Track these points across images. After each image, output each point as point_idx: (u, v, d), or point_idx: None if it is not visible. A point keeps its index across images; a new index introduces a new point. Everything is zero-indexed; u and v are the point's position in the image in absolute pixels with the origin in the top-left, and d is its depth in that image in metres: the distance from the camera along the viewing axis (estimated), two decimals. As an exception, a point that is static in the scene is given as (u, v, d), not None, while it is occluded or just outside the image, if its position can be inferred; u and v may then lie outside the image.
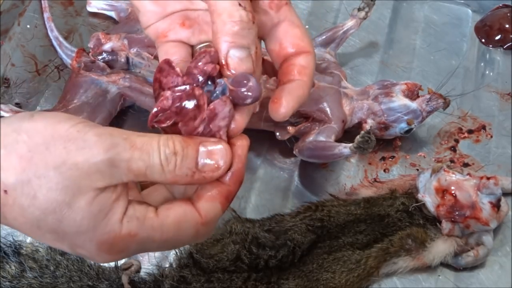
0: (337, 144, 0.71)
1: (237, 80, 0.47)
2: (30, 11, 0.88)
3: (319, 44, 0.81)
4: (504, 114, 0.84)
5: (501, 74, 0.88)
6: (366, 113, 0.76)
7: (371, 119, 0.76)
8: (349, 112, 0.76)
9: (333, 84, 0.76)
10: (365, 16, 0.80)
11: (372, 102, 0.75)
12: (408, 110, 0.74)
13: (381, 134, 0.77)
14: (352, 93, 0.76)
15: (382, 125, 0.76)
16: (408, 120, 0.75)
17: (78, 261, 0.64)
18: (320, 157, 0.74)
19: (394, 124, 0.75)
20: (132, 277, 0.64)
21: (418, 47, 0.90)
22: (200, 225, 0.48)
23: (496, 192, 0.68)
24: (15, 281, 0.62)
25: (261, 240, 0.66)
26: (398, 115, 0.75)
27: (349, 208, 0.70)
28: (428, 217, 0.70)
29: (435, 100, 0.74)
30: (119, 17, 0.88)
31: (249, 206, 0.74)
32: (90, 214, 0.44)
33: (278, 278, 0.65)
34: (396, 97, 0.75)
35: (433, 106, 0.74)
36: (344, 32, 0.81)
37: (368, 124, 0.75)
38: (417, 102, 0.74)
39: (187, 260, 0.65)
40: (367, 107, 0.75)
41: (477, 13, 0.93)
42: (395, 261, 0.68)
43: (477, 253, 0.69)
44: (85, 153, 0.44)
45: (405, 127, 0.76)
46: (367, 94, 0.76)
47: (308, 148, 0.74)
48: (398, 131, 0.76)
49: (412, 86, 0.76)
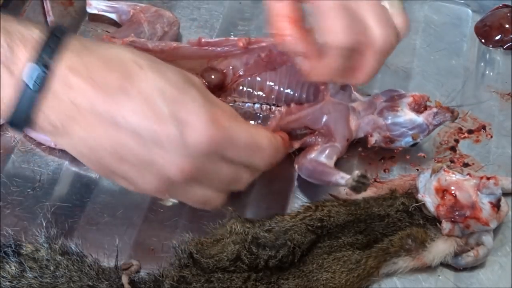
0: (335, 173, 0.71)
1: None
2: (30, 11, 0.88)
3: None
4: (504, 114, 0.84)
5: (501, 74, 0.88)
6: (371, 128, 0.75)
7: (376, 133, 0.75)
8: (355, 128, 0.75)
9: (343, 100, 0.75)
10: None
11: (377, 117, 0.75)
12: (414, 125, 0.74)
13: (386, 146, 0.77)
14: (359, 107, 0.76)
15: (388, 139, 0.75)
16: (413, 135, 0.74)
17: (78, 261, 0.64)
18: (317, 181, 0.74)
19: (399, 138, 0.75)
20: (132, 277, 0.64)
21: (418, 47, 0.90)
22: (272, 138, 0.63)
23: (496, 192, 0.68)
24: (15, 281, 0.62)
25: (261, 240, 0.66)
26: (403, 130, 0.74)
27: (349, 208, 0.70)
28: (428, 217, 0.70)
29: (442, 114, 0.73)
30: (120, 19, 0.87)
31: (249, 206, 0.74)
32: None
33: (278, 278, 0.65)
34: (401, 111, 0.74)
35: (440, 120, 0.74)
36: None
37: (374, 137, 0.75)
38: (423, 116, 0.74)
39: (187, 260, 0.65)
40: (373, 122, 0.75)
41: (477, 13, 0.93)
42: (395, 261, 0.68)
43: (477, 253, 0.69)
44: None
45: (410, 142, 0.75)
46: (374, 107, 0.75)
47: (307, 169, 0.74)
48: (403, 144, 0.76)
49: (419, 99, 0.75)
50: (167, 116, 0.56)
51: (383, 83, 0.85)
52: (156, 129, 0.56)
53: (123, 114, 0.56)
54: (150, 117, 0.56)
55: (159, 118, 0.56)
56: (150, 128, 0.56)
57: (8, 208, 0.71)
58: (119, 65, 0.57)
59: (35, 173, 0.75)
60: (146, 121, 0.56)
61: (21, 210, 0.71)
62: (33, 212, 0.71)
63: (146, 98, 0.56)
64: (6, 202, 0.72)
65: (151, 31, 0.83)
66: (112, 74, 0.57)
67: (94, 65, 0.57)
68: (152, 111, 0.56)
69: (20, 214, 0.71)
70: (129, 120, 0.56)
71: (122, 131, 0.57)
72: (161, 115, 0.56)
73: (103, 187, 0.74)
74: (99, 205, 0.73)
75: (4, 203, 0.72)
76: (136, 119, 0.56)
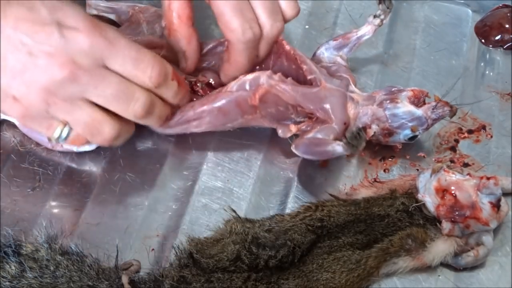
0: (330, 141, 0.72)
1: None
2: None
3: (333, 48, 0.81)
4: (504, 114, 0.84)
5: (501, 74, 0.88)
6: (370, 119, 0.75)
7: (375, 124, 0.75)
8: (353, 116, 0.75)
9: (341, 87, 0.76)
10: (380, 24, 0.81)
11: (376, 107, 0.75)
12: (413, 117, 0.74)
13: (385, 140, 0.77)
14: (358, 98, 0.76)
15: (386, 131, 0.76)
16: (412, 127, 0.75)
17: (78, 261, 0.64)
18: (314, 153, 0.74)
19: (398, 130, 0.75)
20: (132, 277, 0.64)
21: (418, 47, 0.90)
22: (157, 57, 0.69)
23: (496, 192, 0.68)
24: (15, 281, 0.62)
25: (261, 240, 0.66)
26: (402, 121, 0.74)
27: (349, 208, 0.70)
28: (428, 217, 0.70)
29: (441, 108, 0.74)
30: (119, 19, 0.87)
31: (249, 206, 0.74)
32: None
33: (278, 278, 0.65)
34: (401, 103, 0.75)
35: (439, 114, 0.74)
36: (358, 38, 0.81)
37: (372, 129, 0.75)
38: (422, 109, 0.74)
39: (187, 260, 0.65)
40: (372, 113, 0.75)
41: (477, 13, 0.93)
42: (395, 261, 0.68)
43: (477, 253, 0.69)
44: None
45: (409, 134, 0.75)
46: (373, 100, 0.76)
47: (304, 144, 0.74)
48: (402, 138, 0.76)
49: (418, 93, 0.75)
50: (49, 20, 0.63)
51: (383, 83, 0.85)
52: (37, 30, 0.63)
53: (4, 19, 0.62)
54: (32, 20, 0.62)
55: (40, 22, 0.63)
56: (30, 28, 0.62)
57: (8, 208, 0.71)
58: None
59: (35, 173, 0.75)
60: (24, 22, 0.63)
61: (21, 210, 0.71)
62: (33, 212, 0.71)
63: (29, 7, 0.63)
64: (6, 202, 0.72)
65: (150, 31, 0.83)
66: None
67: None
68: (34, 16, 0.63)
69: (20, 214, 0.71)
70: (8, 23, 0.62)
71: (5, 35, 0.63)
72: (43, 19, 0.63)
73: (103, 187, 0.74)
74: (99, 205, 0.73)
75: (4, 203, 0.72)
76: (15, 21, 0.63)
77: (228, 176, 0.76)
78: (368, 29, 0.81)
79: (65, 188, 0.74)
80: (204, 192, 0.75)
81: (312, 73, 0.76)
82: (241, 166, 0.77)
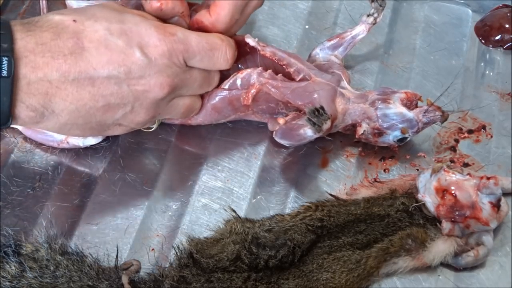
0: (303, 125, 0.72)
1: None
2: (30, 11, 0.88)
3: (327, 48, 0.81)
4: (504, 114, 0.84)
5: (501, 74, 0.88)
6: (361, 117, 0.75)
7: (365, 123, 0.75)
8: (342, 111, 0.75)
9: (331, 82, 0.76)
10: (374, 22, 0.81)
11: (368, 106, 0.75)
12: (404, 118, 0.74)
13: (374, 140, 0.77)
14: (350, 95, 0.76)
15: (376, 131, 0.75)
16: (403, 129, 0.75)
17: (78, 261, 0.64)
18: (289, 138, 0.75)
19: (388, 131, 0.75)
20: (132, 277, 0.64)
21: (418, 47, 0.90)
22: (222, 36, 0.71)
23: (496, 192, 0.68)
24: (15, 281, 0.62)
25: (261, 240, 0.66)
26: (392, 122, 0.75)
27: (349, 208, 0.70)
28: (428, 217, 0.70)
29: (433, 112, 0.74)
30: None
31: (249, 206, 0.74)
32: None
33: (278, 278, 0.65)
34: (393, 104, 0.75)
35: (430, 118, 0.74)
36: (352, 37, 0.81)
37: (362, 127, 0.75)
38: (414, 112, 0.74)
39: (187, 260, 0.65)
40: (363, 111, 0.75)
41: (477, 13, 0.93)
42: (395, 261, 0.68)
43: (477, 253, 0.69)
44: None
45: (399, 136, 0.75)
46: (365, 99, 0.76)
47: (281, 129, 0.75)
48: (391, 139, 0.76)
49: (411, 96, 0.75)
50: (124, 47, 0.63)
51: (383, 83, 0.85)
52: (121, 62, 0.62)
53: (91, 67, 0.61)
54: (111, 55, 0.62)
55: (118, 52, 0.62)
56: (117, 64, 0.62)
57: (8, 208, 0.71)
58: (60, 28, 0.61)
59: (35, 173, 0.75)
60: (111, 61, 0.62)
61: (21, 210, 0.72)
62: (33, 212, 0.71)
63: (99, 42, 0.61)
64: (6, 202, 0.72)
65: None
66: (61, 38, 0.61)
67: (44, 38, 0.60)
68: (110, 49, 0.62)
69: (20, 214, 0.71)
70: (98, 68, 0.61)
71: (99, 82, 0.62)
72: (119, 49, 0.62)
73: (103, 187, 0.74)
74: (99, 205, 0.73)
75: (4, 203, 0.72)
76: (103, 63, 0.61)
77: (228, 176, 0.76)
78: (362, 28, 0.81)
79: (65, 188, 0.74)
80: (204, 192, 0.75)
81: (301, 72, 0.76)
82: (241, 166, 0.77)
